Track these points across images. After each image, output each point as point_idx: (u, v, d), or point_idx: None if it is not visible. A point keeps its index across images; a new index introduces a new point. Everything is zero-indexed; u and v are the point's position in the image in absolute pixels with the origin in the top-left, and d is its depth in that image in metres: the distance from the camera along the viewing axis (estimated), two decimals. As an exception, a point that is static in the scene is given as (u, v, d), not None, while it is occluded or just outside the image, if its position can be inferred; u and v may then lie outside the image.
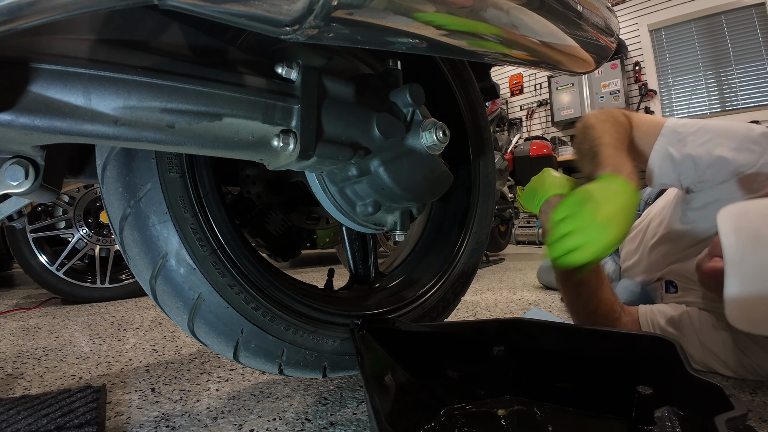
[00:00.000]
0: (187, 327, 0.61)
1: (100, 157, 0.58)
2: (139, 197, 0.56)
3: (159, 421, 0.71)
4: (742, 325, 0.70)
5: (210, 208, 0.61)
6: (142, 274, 0.60)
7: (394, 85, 0.65)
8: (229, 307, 0.61)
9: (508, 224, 3.70)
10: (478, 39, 0.50)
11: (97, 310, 1.79)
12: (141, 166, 0.56)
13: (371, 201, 0.65)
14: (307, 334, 0.68)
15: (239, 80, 0.48)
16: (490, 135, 1.00)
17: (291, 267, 3.22)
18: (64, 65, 0.38)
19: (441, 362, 0.69)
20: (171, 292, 0.59)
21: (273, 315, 0.65)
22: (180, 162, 0.58)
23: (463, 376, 0.69)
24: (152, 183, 0.56)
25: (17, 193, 0.44)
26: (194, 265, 0.58)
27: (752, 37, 4.30)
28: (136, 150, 0.56)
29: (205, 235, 0.60)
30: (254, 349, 0.64)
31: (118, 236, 0.59)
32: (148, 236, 0.57)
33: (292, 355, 0.67)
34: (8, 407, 0.73)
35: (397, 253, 1.02)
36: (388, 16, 0.40)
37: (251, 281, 0.64)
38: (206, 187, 0.61)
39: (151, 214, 0.57)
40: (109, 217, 0.59)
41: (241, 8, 0.33)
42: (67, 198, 1.98)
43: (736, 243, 0.68)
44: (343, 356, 0.73)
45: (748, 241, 0.68)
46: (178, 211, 0.58)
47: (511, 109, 6.05)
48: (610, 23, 0.71)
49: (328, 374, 0.72)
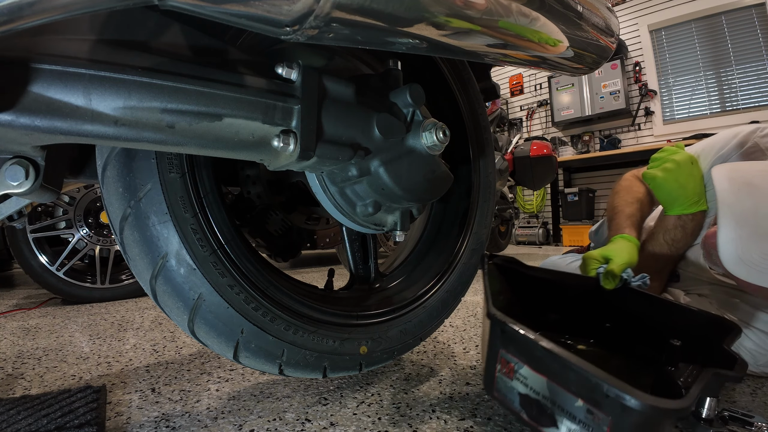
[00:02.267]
0: (188, 327, 0.61)
1: (100, 157, 0.58)
2: (140, 197, 0.56)
3: (159, 421, 0.71)
4: (736, 268, 0.69)
5: (210, 208, 0.61)
6: (142, 275, 0.59)
7: (395, 85, 0.65)
8: (229, 307, 0.61)
9: (508, 224, 3.70)
10: (478, 39, 0.50)
11: (97, 310, 1.79)
12: (141, 166, 0.56)
13: (371, 201, 0.64)
14: (308, 335, 0.68)
15: (239, 80, 0.48)
16: (491, 135, 1.00)
17: (291, 267, 3.22)
18: (65, 65, 0.38)
19: (544, 300, 0.88)
20: (171, 292, 0.59)
21: (273, 315, 0.65)
22: (180, 162, 0.58)
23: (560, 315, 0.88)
24: (152, 183, 0.56)
25: (17, 194, 0.44)
26: (194, 266, 0.58)
27: (752, 37, 4.29)
28: (137, 150, 0.56)
29: (205, 236, 0.60)
30: (254, 350, 0.64)
31: (119, 236, 0.59)
32: (148, 236, 0.57)
33: (292, 355, 0.67)
34: (8, 407, 0.73)
35: (397, 253, 1.02)
36: (388, 16, 0.40)
37: (251, 281, 0.63)
38: (206, 187, 0.61)
39: (151, 215, 0.57)
40: (110, 217, 0.59)
41: (241, 8, 0.33)
42: (68, 198, 1.98)
43: (729, 187, 0.71)
44: (344, 356, 0.72)
45: (742, 186, 0.70)
46: (179, 212, 0.58)
47: (511, 110, 6.05)
48: (610, 23, 0.71)
49: (328, 374, 0.72)
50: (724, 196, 0.71)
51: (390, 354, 0.81)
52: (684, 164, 0.97)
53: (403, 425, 0.68)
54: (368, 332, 0.76)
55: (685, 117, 4.70)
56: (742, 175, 0.73)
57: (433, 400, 0.77)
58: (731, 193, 0.71)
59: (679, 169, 0.97)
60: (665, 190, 0.99)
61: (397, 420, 0.70)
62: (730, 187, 0.72)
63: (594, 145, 5.21)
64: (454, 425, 0.68)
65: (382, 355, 0.79)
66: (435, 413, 0.72)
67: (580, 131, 5.34)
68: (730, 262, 0.69)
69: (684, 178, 0.97)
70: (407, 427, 0.67)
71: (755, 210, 0.68)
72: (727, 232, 0.69)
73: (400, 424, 0.68)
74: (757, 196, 0.69)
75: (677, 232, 1.00)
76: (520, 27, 0.53)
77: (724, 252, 0.69)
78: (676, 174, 0.97)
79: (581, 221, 4.84)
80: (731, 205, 0.70)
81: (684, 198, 0.97)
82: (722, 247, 0.69)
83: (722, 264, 0.70)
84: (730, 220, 0.69)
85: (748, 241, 0.67)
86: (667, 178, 0.98)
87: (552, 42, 0.59)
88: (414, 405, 0.76)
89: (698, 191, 0.98)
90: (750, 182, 0.71)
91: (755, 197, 0.69)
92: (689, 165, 0.97)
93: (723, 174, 0.75)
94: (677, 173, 0.97)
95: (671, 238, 1.00)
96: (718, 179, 0.74)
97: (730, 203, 0.70)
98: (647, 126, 4.87)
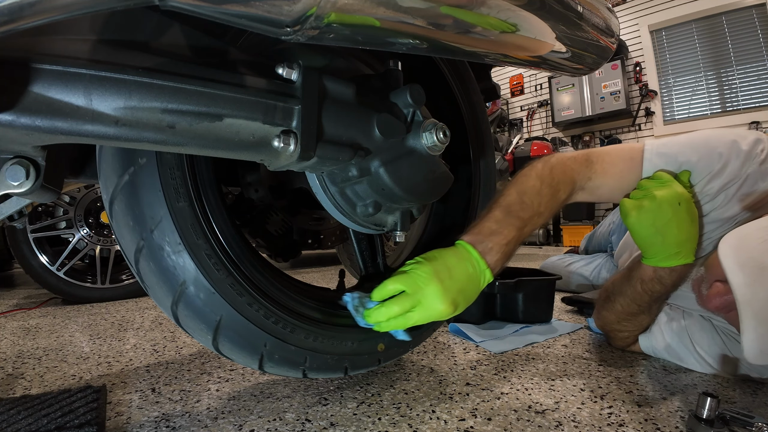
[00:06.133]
0: (212, 346, 0.63)
1: (105, 191, 0.58)
2: (151, 229, 0.57)
3: (159, 421, 0.71)
4: (759, 360, 0.67)
5: (221, 230, 0.62)
6: (162, 302, 0.60)
7: (395, 85, 0.65)
8: (250, 324, 0.62)
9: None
10: (478, 40, 0.50)
11: (97, 310, 1.79)
12: (149, 198, 0.57)
13: (371, 201, 0.64)
14: (327, 340, 0.70)
15: (240, 81, 0.48)
16: (491, 135, 1.00)
17: (291, 267, 3.22)
18: (65, 66, 0.38)
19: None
20: (193, 316, 0.60)
21: (293, 326, 0.67)
22: (187, 190, 0.59)
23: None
24: (163, 214, 0.57)
25: (18, 193, 0.44)
26: (213, 289, 0.59)
27: (753, 37, 4.29)
28: (143, 183, 0.57)
29: (219, 259, 0.61)
30: (278, 360, 0.66)
31: (134, 267, 0.60)
32: (164, 267, 0.58)
33: (314, 360, 0.69)
34: (8, 407, 0.73)
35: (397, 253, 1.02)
36: (388, 16, 0.40)
37: (268, 296, 0.65)
38: (215, 212, 0.62)
39: (165, 245, 0.57)
40: (123, 250, 0.60)
41: (241, 9, 0.33)
42: (68, 198, 1.97)
43: (744, 280, 0.65)
44: (362, 356, 0.76)
45: (754, 273, 0.65)
46: (191, 239, 0.58)
47: (511, 110, 6.05)
48: (611, 24, 0.71)
49: (349, 373, 0.75)
50: (740, 292, 0.66)
51: (406, 347, 0.84)
52: (666, 205, 0.77)
53: (403, 425, 0.68)
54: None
55: (685, 117, 4.70)
56: (752, 256, 0.66)
57: (433, 400, 0.77)
58: (747, 287, 0.65)
59: (659, 211, 0.77)
60: (638, 235, 0.81)
61: (397, 420, 0.70)
62: (744, 280, 0.65)
63: (594, 145, 5.21)
64: (454, 425, 0.68)
65: (399, 349, 0.83)
66: (435, 413, 0.72)
67: (581, 132, 5.34)
68: (754, 358, 0.67)
69: (663, 224, 0.77)
70: (407, 427, 0.67)
71: None
72: (750, 333, 0.65)
73: (400, 424, 0.68)
74: None
75: (654, 285, 0.85)
76: (520, 28, 0.53)
77: (749, 352, 0.66)
78: (654, 217, 0.77)
79: (581, 221, 4.84)
80: (750, 302, 0.65)
81: (661, 248, 0.80)
82: (747, 347, 0.66)
83: (745, 358, 0.68)
84: (751, 321, 0.65)
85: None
86: (641, 220, 0.78)
87: (551, 42, 0.59)
88: (414, 405, 0.76)
89: (680, 241, 0.78)
90: (761, 266, 0.65)
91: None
92: (673, 207, 0.76)
93: (733, 262, 0.67)
94: (655, 216, 0.77)
95: (650, 289, 0.87)
96: (729, 269, 0.67)
97: (749, 300, 0.65)
98: (648, 126, 4.87)
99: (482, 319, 1.29)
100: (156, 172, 0.56)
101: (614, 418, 0.70)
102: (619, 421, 0.69)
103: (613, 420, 0.69)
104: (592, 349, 1.07)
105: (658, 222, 0.77)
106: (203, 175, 0.61)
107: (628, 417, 0.70)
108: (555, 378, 0.88)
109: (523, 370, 0.92)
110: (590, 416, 0.71)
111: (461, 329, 1.21)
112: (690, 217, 0.78)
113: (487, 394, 0.80)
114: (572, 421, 0.69)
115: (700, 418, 0.64)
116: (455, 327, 1.23)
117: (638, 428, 0.66)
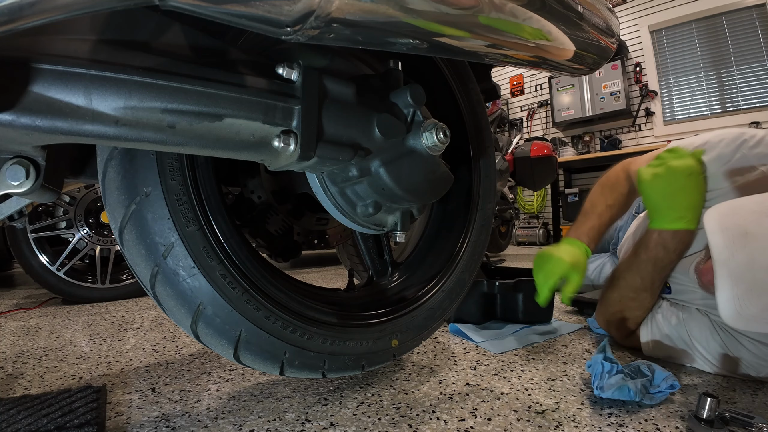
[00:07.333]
0: (233, 358, 0.63)
1: (114, 221, 0.58)
2: (165, 256, 0.57)
3: (159, 421, 0.71)
4: (736, 323, 0.70)
5: (233, 250, 0.63)
6: (182, 322, 0.61)
7: (395, 85, 0.65)
8: (269, 336, 0.64)
9: (508, 225, 3.70)
10: (478, 40, 0.50)
11: (97, 310, 1.79)
12: (159, 227, 0.57)
13: (372, 201, 0.64)
14: (344, 342, 0.72)
15: (240, 81, 0.48)
16: (491, 136, 1.00)
17: (291, 267, 3.22)
18: (66, 65, 0.38)
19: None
20: (213, 334, 0.61)
21: (310, 334, 0.68)
22: (195, 215, 0.59)
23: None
24: (174, 240, 0.57)
25: (18, 193, 0.44)
26: (230, 307, 0.60)
27: (753, 37, 4.29)
28: (152, 212, 0.57)
29: (234, 278, 0.61)
30: (298, 366, 0.68)
31: (151, 292, 0.60)
32: (181, 291, 0.59)
33: (332, 363, 0.71)
34: (8, 407, 0.73)
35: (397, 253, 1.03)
36: (388, 16, 0.40)
37: (285, 307, 0.66)
38: (225, 233, 0.62)
39: (179, 270, 0.58)
40: (138, 276, 0.60)
41: (241, 9, 0.33)
42: (68, 198, 1.97)
43: (723, 241, 0.69)
44: (378, 353, 0.78)
45: (736, 238, 0.68)
46: (205, 262, 0.59)
47: (511, 110, 6.05)
48: (611, 24, 0.71)
49: (365, 369, 0.78)
50: (718, 252, 0.69)
51: (418, 340, 0.86)
52: (679, 173, 0.86)
53: (403, 425, 0.68)
54: (396, 326, 0.81)
55: (685, 117, 4.69)
56: (735, 223, 0.70)
57: (433, 400, 0.77)
58: (725, 248, 0.68)
59: (671, 177, 0.86)
60: (650, 199, 0.90)
61: (397, 420, 0.70)
62: (723, 242, 0.69)
63: (594, 145, 5.21)
64: (454, 425, 0.68)
65: (412, 343, 0.84)
66: (435, 413, 0.72)
67: (581, 132, 5.34)
68: (730, 319, 0.69)
69: (673, 190, 0.86)
70: (407, 428, 0.67)
71: (750, 263, 0.66)
72: (724, 292, 0.68)
73: (400, 425, 0.68)
74: (751, 247, 0.67)
75: (658, 251, 0.91)
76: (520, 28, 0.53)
77: (724, 311, 0.68)
78: (666, 183, 0.87)
79: (581, 222, 4.82)
80: (726, 262, 0.68)
81: (668, 211, 0.88)
82: (722, 306, 0.68)
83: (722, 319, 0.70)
84: (726, 279, 0.68)
85: (746, 298, 0.67)
86: (654, 185, 0.88)
87: (552, 42, 0.59)
88: (414, 405, 0.76)
89: (686, 205, 0.87)
90: (744, 232, 0.68)
91: (749, 249, 0.67)
92: (685, 176, 0.85)
93: (716, 225, 0.71)
94: (667, 182, 0.87)
95: (653, 256, 0.92)
96: (711, 231, 0.71)
97: (725, 260, 0.68)
98: (648, 126, 4.86)
99: (482, 319, 1.30)
100: (163, 200, 0.57)
101: (614, 418, 0.70)
102: (619, 422, 0.69)
103: (613, 420, 0.69)
104: (592, 350, 1.07)
105: (670, 188, 0.87)
106: (210, 198, 0.62)
107: (628, 417, 0.70)
108: (555, 378, 0.88)
109: (523, 371, 0.92)
110: (590, 416, 0.71)
111: (461, 329, 1.21)
112: (698, 189, 0.87)
113: (487, 394, 0.80)
114: (572, 421, 0.69)
115: (700, 419, 0.64)
116: (455, 327, 1.23)
117: (638, 428, 0.66)
